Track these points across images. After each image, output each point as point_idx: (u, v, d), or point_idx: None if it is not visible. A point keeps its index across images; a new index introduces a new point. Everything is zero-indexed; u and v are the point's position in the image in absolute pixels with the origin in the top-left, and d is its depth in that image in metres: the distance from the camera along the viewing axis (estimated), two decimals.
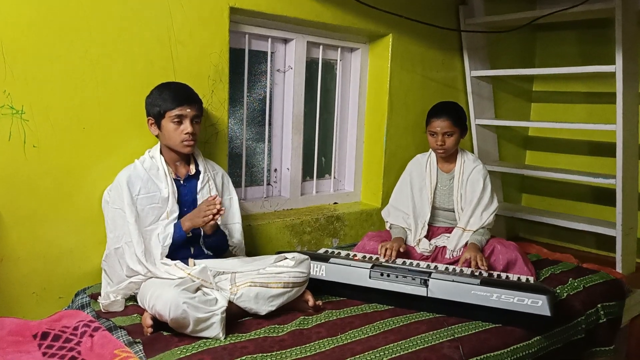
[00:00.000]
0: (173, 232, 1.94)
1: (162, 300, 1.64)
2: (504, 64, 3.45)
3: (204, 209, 1.91)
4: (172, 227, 1.95)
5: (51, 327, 1.71)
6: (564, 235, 3.49)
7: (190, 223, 1.94)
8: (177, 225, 1.95)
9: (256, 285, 1.85)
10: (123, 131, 2.09)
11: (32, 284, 1.95)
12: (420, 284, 2.03)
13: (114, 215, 1.95)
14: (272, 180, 2.84)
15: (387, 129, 2.97)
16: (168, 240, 1.92)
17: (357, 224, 2.96)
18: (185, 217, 1.96)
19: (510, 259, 2.36)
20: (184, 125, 1.97)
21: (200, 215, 1.91)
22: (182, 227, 1.94)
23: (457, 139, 2.49)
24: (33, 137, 1.89)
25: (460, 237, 2.47)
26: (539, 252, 2.92)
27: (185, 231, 1.94)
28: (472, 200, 2.49)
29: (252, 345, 1.65)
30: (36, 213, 1.93)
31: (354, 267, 2.12)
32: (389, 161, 3.03)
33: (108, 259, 1.95)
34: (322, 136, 2.98)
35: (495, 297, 1.94)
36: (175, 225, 1.95)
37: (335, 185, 3.09)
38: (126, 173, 1.97)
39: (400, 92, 2.99)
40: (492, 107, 3.50)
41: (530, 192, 3.86)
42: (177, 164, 2.07)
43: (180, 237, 1.94)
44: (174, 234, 1.93)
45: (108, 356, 1.56)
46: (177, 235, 1.94)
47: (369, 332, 1.82)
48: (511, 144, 3.72)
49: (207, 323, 1.67)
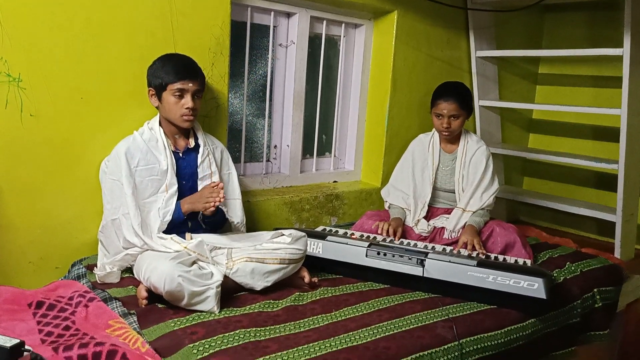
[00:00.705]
0: (173, 210, 1.93)
1: (158, 273, 1.64)
2: (510, 45, 3.40)
3: (206, 196, 1.88)
4: (174, 204, 1.93)
5: (46, 297, 1.71)
6: (564, 219, 3.48)
7: (191, 206, 1.93)
8: (177, 206, 1.94)
9: (252, 261, 1.85)
10: (123, 102, 2.07)
11: (29, 253, 1.95)
12: (417, 263, 2.03)
13: (111, 186, 1.94)
14: (272, 157, 2.82)
15: (389, 107, 2.94)
16: (168, 217, 1.92)
17: (356, 203, 2.95)
18: (185, 200, 1.95)
19: (509, 241, 2.35)
20: (185, 99, 1.94)
21: (201, 201, 1.90)
22: (182, 208, 1.93)
23: (462, 121, 2.46)
24: (31, 106, 1.87)
25: (459, 217, 2.46)
26: (538, 236, 2.91)
27: (184, 213, 1.94)
28: (473, 182, 2.48)
29: (246, 320, 1.66)
30: (34, 183, 1.92)
31: (351, 245, 2.11)
32: (391, 140, 3.00)
33: (105, 230, 1.94)
34: (323, 113, 2.95)
35: (491, 279, 1.94)
36: (175, 204, 1.94)
37: (335, 164, 3.07)
38: (125, 144, 1.95)
39: (404, 70, 2.95)
40: (497, 88, 3.46)
41: (532, 175, 3.84)
42: (176, 137, 2.05)
43: (178, 218, 1.94)
44: (173, 213, 1.93)
45: (102, 326, 1.57)
46: (176, 216, 1.94)
47: (363, 309, 1.82)
48: (515, 126, 3.69)
49: (202, 297, 1.67)
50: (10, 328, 1.51)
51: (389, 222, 2.40)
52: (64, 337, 1.52)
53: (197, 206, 1.92)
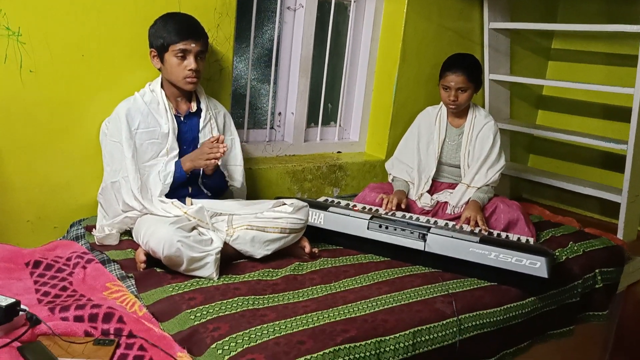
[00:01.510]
0: (174, 170, 1.89)
1: (157, 237, 1.62)
2: (524, 18, 3.30)
3: (207, 151, 1.85)
4: (173, 165, 1.90)
5: (44, 256, 1.70)
6: (568, 198, 3.45)
7: (192, 164, 1.89)
8: (178, 165, 1.90)
9: (253, 229, 1.83)
10: (124, 62, 2.01)
11: (27, 212, 1.93)
12: (418, 238, 2.01)
13: (111, 148, 1.90)
14: (276, 124, 2.77)
15: (397, 78, 2.88)
16: (169, 179, 1.88)
17: (359, 174, 2.91)
18: (186, 157, 1.91)
19: (512, 218, 2.32)
20: (187, 60, 1.89)
21: (202, 157, 1.86)
22: (183, 167, 1.90)
23: (470, 95, 2.40)
24: (30, 62, 1.82)
25: (463, 193, 2.43)
26: (542, 214, 2.89)
27: (186, 171, 1.90)
28: (479, 157, 2.44)
29: (245, 287, 1.64)
30: (33, 142, 1.89)
31: (353, 217, 2.09)
32: (397, 112, 2.95)
33: (104, 192, 1.92)
34: (329, 82, 2.89)
35: (493, 256, 1.92)
36: (175, 164, 1.90)
37: (340, 134, 3.03)
38: (125, 106, 1.91)
39: (414, 40, 2.88)
40: (508, 62, 3.38)
41: (538, 153, 3.79)
42: (178, 100, 2.00)
43: (180, 177, 1.90)
44: (174, 172, 1.89)
45: (100, 288, 1.56)
46: (177, 174, 1.90)
47: (363, 282, 1.81)
48: (524, 102, 3.62)
49: (201, 263, 1.66)
50: (6, 287, 1.50)
51: (393, 194, 2.37)
52: (61, 297, 1.51)
53: (198, 162, 1.88)
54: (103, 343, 1.29)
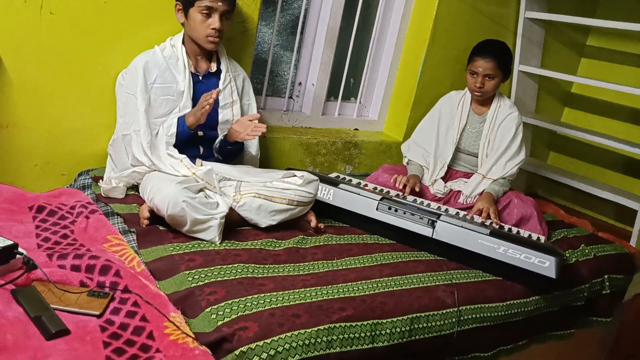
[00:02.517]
0: (177, 123, 1.84)
1: (162, 195, 1.60)
2: (562, 10, 3.18)
3: (204, 98, 1.77)
4: (176, 117, 1.85)
5: (48, 202, 1.68)
6: (583, 200, 3.37)
7: (194, 117, 1.82)
8: (181, 120, 1.85)
9: (260, 197, 1.80)
10: (147, 13, 1.96)
11: (36, 156, 1.92)
12: (427, 224, 1.96)
13: (126, 100, 1.87)
14: (295, 94, 2.72)
15: (425, 59, 2.79)
16: (172, 129, 1.83)
17: (374, 154, 2.86)
18: (188, 113, 1.85)
19: (525, 214, 2.27)
20: (212, 19, 1.83)
21: (198, 108, 1.78)
22: (186, 121, 1.84)
23: (497, 83, 2.32)
24: (51, 3, 1.78)
25: (478, 183, 2.37)
26: (556, 213, 2.82)
27: (189, 126, 1.84)
28: (499, 148, 2.37)
29: (246, 255, 1.62)
30: (46, 84, 1.86)
31: (363, 196, 2.05)
32: (420, 94, 2.87)
33: (115, 144, 1.89)
34: (354, 56, 2.81)
35: (502, 250, 1.88)
36: (179, 118, 1.85)
37: (359, 111, 2.96)
38: (144, 58, 1.86)
39: (446, 21, 2.78)
40: (540, 54, 3.27)
41: (558, 151, 3.70)
42: (199, 58, 1.96)
43: (183, 132, 1.84)
44: (177, 125, 1.84)
45: (100, 240, 1.54)
46: (181, 129, 1.84)
47: (365, 262, 1.78)
48: (551, 97, 3.52)
49: (205, 225, 1.63)
50: (7, 228, 1.49)
51: (400, 177, 2.32)
52: (61, 245, 1.50)
53: (197, 115, 1.79)
54: (97, 295, 1.28)
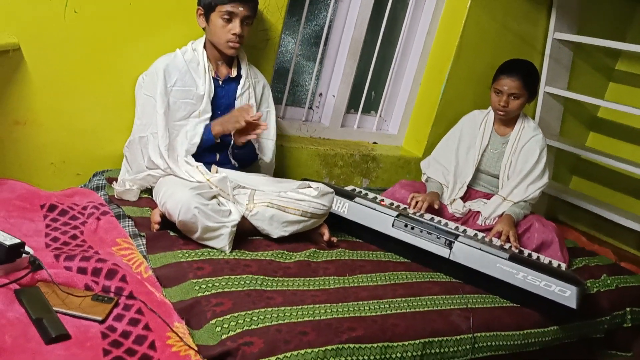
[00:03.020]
0: (202, 132, 1.83)
1: (174, 200, 1.57)
2: (592, 32, 3.11)
3: (236, 115, 1.78)
4: (203, 127, 1.84)
5: (60, 201, 1.66)
6: (606, 228, 3.27)
7: (221, 128, 1.82)
8: (207, 128, 1.84)
9: (273, 207, 1.76)
10: (170, 16, 1.95)
11: (52, 154, 1.91)
12: (444, 244, 1.91)
13: (144, 102, 1.85)
14: (315, 105, 2.68)
15: (449, 75, 2.75)
16: (196, 138, 1.82)
17: (392, 169, 2.81)
18: (216, 121, 1.85)
19: (546, 239, 2.20)
20: (232, 24, 1.81)
21: (232, 120, 1.80)
22: (212, 130, 1.83)
23: (522, 103, 2.27)
24: (76, 2, 1.77)
25: (498, 205, 2.31)
26: (577, 240, 2.74)
27: (215, 135, 1.84)
28: (521, 170, 2.31)
29: (255, 266, 1.58)
30: (66, 82, 1.85)
31: (379, 211, 2.00)
32: (442, 111, 2.82)
33: (131, 145, 1.87)
34: (377, 69, 2.78)
35: (520, 276, 1.81)
36: (205, 126, 1.84)
37: (379, 124, 2.92)
38: (165, 61, 1.85)
39: (473, 37, 2.73)
40: (567, 76, 3.21)
41: (582, 175, 3.61)
42: (219, 63, 1.94)
43: (208, 141, 1.84)
44: (202, 134, 1.83)
45: (110, 243, 1.52)
46: (206, 137, 1.84)
47: (378, 280, 1.73)
48: (576, 120, 3.44)
49: (216, 233, 1.60)
50: (17, 225, 1.47)
51: (425, 195, 2.26)
52: (69, 245, 1.47)
53: (226, 126, 1.81)
54: (102, 300, 1.24)
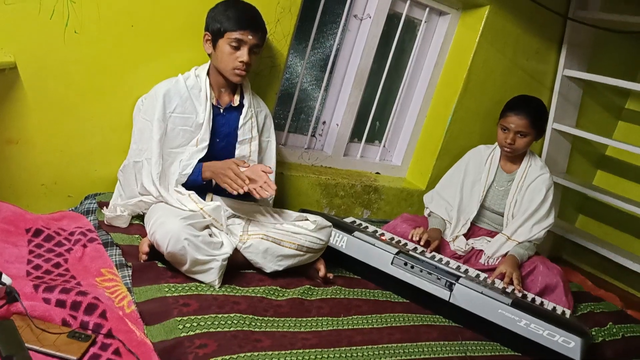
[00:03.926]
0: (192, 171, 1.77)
1: (164, 230, 1.51)
2: (602, 70, 3.06)
3: (232, 177, 1.67)
4: (196, 162, 1.78)
5: (47, 226, 1.61)
6: (612, 269, 3.18)
7: (211, 175, 1.75)
8: (198, 168, 1.77)
9: (268, 240, 1.69)
10: (173, 40, 1.91)
11: (44, 175, 1.85)
12: (445, 286, 1.83)
13: (142, 126, 1.80)
14: (318, 133, 2.63)
15: (455, 108, 2.70)
16: (188, 170, 1.77)
17: (394, 200, 2.75)
18: (209, 166, 1.76)
19: (550, 283, 2.12)
20: (240, 52, 1.77)
21: (224, 179, 1.69)
22: (202, 173, 1.76)
23: (529, 141, 2.21)
24: (76, 22, 1.73)
25: (502, 245, 2.24)
26: (582, 284, 2.66)
27: (204, 179, 1.77)
28: (527, 210, 2.24)
29: (245, 303, 1.51)
30: (63, 103, 1.80)
31: (378, 247, 1.93)
32: (448, 144, 2.77)
33: (125, 170, 1.82)
34: (382, 99, 2.73)
35: (523, 324, 1.73)
36: (196, 165, 1.77)
37: (382, 155, 2.87)
38: (166, 86, 1.80)
39: (481, 72, 2.70)
40: (576, 114, 3.16)
41: (588, 214, 3.53)
42: (222, 90, 1.89)
43: (196, 181, 1.77)
44: (191, 173, 1.77)
45: (94, 273, 1.45)
46: (195, 177, 1.77)
47: (374, 322, 1.65)
48: (584, 158, 3.38)
49: (205, 267, 1.53)
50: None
51: (427, 230, 2.20)
52: (51, 274, 1.41)
53: (217, 179, 1.73)
54: (78, 337, 1.18)
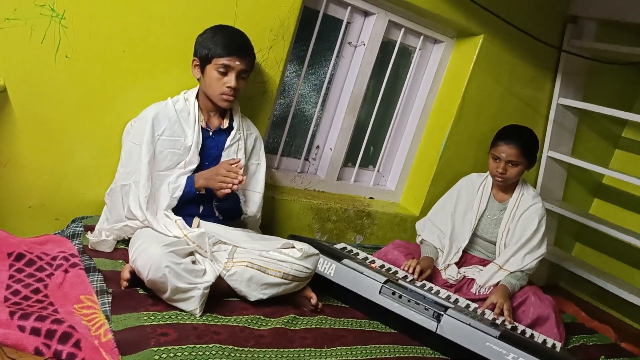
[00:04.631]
0: (184, 185, 1.77)
1: (145, 257, 1.49)
2: (598, 99, 3.07)
3: (223, 173, 1.70)
4: (185, 179, 1.78)
5: (30, 250, 1.59)
6: (609, 299, 3.14)
7: (205, 182, 1.76)
8: (190, 180, 1.78)
9: (253, 267, 1.68)
10: (165, 64, 1.92)
11: (31, 197, 1.85)
12: (432, 316, 1.81)
13: (130, 149, 1.80)
14: (311, 157, 2.63)
15: (449, 135, 2.70)
16: (178, 192, 1.77)
17: (387, 226, 2.73)
18: (201, 174, 1.79)
19: (542, 315, 2.09)
20: (228, 77, 1.78)
21: (217, 179, 1.72)
22: (195, 183, 1.77)
23: (521, 171, 2.20)
24: (68, 46, 1.75)
25: (493, 274, 2.21)
26: (576, 315, 2.62)
27: (197, 189, 1.78)
28: (519, 239, 2.22)
29: (226, 333, 1.48)
30: (52, 125, 1.80)
31: (366, 276, 1.91)
32: (442, 170, 2.76)
33: (112, 193, 1.81)
34: (376, 124, 2.74)
35: (511, 358, 1.70)
36: (188, 178, 1.78)
37: (376, 179, 2.86)
38: (155, 109, 1.81)
39: (475, 99, 2.70)
40: (571, 142, 3.15)
41: (585, 243, 3.50)
42: (211, 114, 1.89)
43: (189, 193, 1.78)
44: (184, 187, 1.77)
45: (73, 299, 1.44)
46: (187, 189, 1.77)
47: (358, 354, 1.62)
48: (580, 186, 3.36)
49: (186, 295, 1.51)
50: None
51: (419, 260, 2.17)
52: (29, 300, 1.39)
53: (211, 183, 1.74)
54: None
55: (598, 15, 2.80)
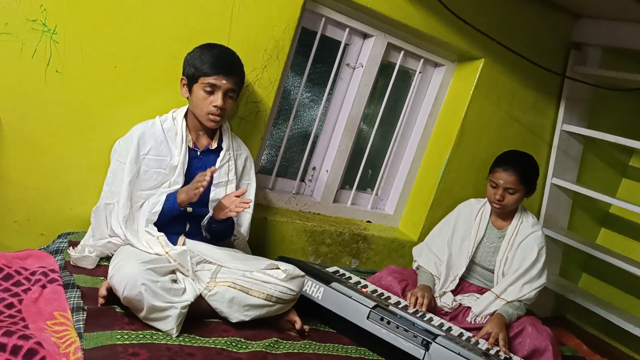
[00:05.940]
0: (165, 200, 1.75)
1: (121, 274, 1.46)
2: (603, 127, 3.01)
3: (200, 178, 1.67)
4: (164, 196, 1.76)
5: (9, 264, 1.58)
6: (615, 332, 3.03)
7: (186, 195, 1.72)
8: (172, 196, 1.75)
9: (235, 288, 1.63)
10: (156, 82, 1.93)
11: (17, 211, 1.84)
12: (421, 344, 1.74)
13: (116, 168, 1.79)
14: (307, 178, 2.60)
15: (448, 159, 2.66)
16: (157, 207, 1.74)
17: (384, 250, 2.68)
18: (182, 189, 1.75)
19: (539, 347, 2.01)
20: (214, 96, 1.76)
21: (192, 186, 1.68)
22: (178, 198, 1.74)
23: (519, 198, 2.15)
24: (59, 62, 1.76)
25: (490, 303, 2.14)
26: (578, 348, 2.52)
27: (180, 204, 1.74)
28: (518, 269, 2.15)
29: (200, 355, 1.44)
30: (40, 141, 1.81)
31: (354, 300, 1.86)
32: (441, 195, 2.72)
33: (97, 211, 1.80)
34: (375, 147, 2.71)
35: None
36: (169, 194, 1.76)
37: (374, 203, 2.82)
38: (141, 128, 1.80)
39: (475, 124, 2.67)
40: (577, 169, 3.09)
41: (592, 274, 3.40)
42: (200, 134, 1.88)
43: (173, 210, 1.75)
44: (165, 203, 1.74)
45: (46, 316, 1.41)
46: (170, 206, 1.74)
47: None
48: (586, 215, 3.28)
49: (163, 314, 1.48)
50: None
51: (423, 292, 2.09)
52: (1, 315, 1.37)
53: (190, 194, 1.69)
54: None
55: (602, 42, 2.77)
